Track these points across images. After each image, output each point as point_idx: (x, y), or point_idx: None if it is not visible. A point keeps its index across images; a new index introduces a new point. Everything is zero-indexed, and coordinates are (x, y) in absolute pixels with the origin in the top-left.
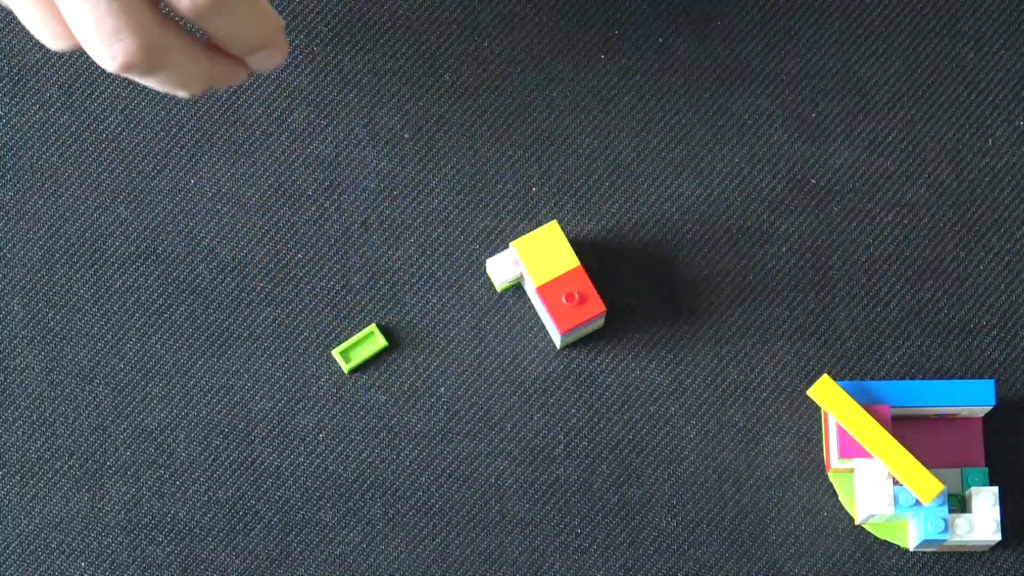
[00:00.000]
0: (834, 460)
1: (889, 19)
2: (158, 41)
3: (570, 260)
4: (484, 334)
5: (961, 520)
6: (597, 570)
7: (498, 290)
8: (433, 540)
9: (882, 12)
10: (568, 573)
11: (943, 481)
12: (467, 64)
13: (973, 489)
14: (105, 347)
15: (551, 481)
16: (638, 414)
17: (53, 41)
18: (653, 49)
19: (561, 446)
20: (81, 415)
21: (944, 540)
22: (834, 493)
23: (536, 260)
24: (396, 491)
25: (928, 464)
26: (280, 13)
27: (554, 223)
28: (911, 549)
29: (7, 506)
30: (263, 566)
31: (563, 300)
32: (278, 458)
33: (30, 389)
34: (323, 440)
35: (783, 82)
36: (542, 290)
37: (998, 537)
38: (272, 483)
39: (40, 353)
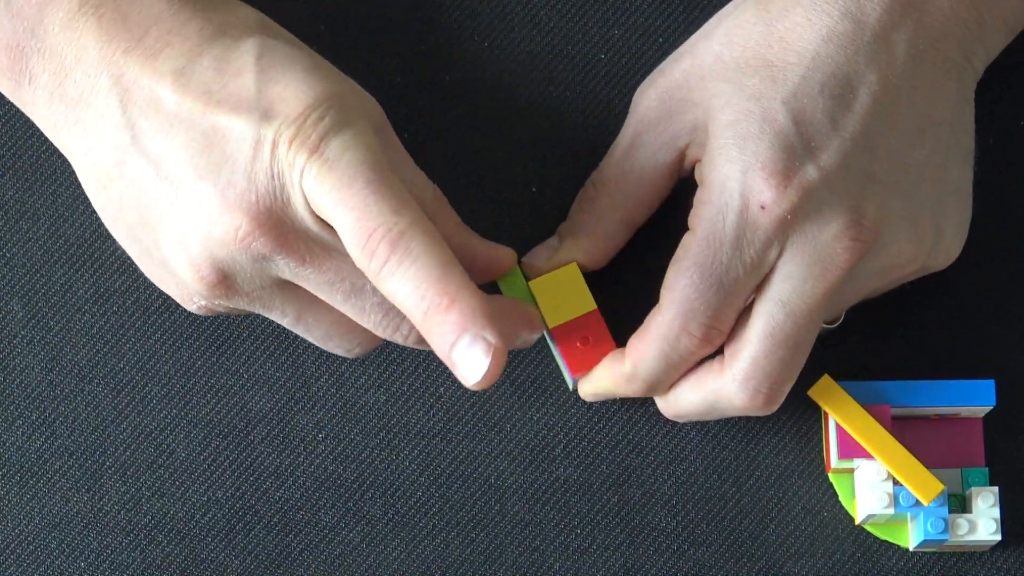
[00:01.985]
0: (834, 460)
1: None
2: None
3: (587, 303)
4: None
5: (961, 520)
6: (597, 570)
7: None
8: (433, 540)
9: None
10: (568, 573)
11: (943, 481)
12: (467, 64)
13: (973, 489)
14: (105, 347)
15: (551, 481)
16: (638, 414)
17: (351, 351)
18: (653, 49)
19: (561, 446)
20: (81, 415)
21: (944, 540)
22: (834, 493)
23: (552, 301)
24: (396, 491)
25: (928, 464)
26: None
27: (574, 265)
28: (911, 549)
29: (7, 506)
30: (263, 566)
31: (578, 344)
32: (278, 458)
33: (30, 389)
34: (323, 440)
35: None
36: (557, 332)
37: (998, 537)
38: (272, 483)
39: (40, 353)
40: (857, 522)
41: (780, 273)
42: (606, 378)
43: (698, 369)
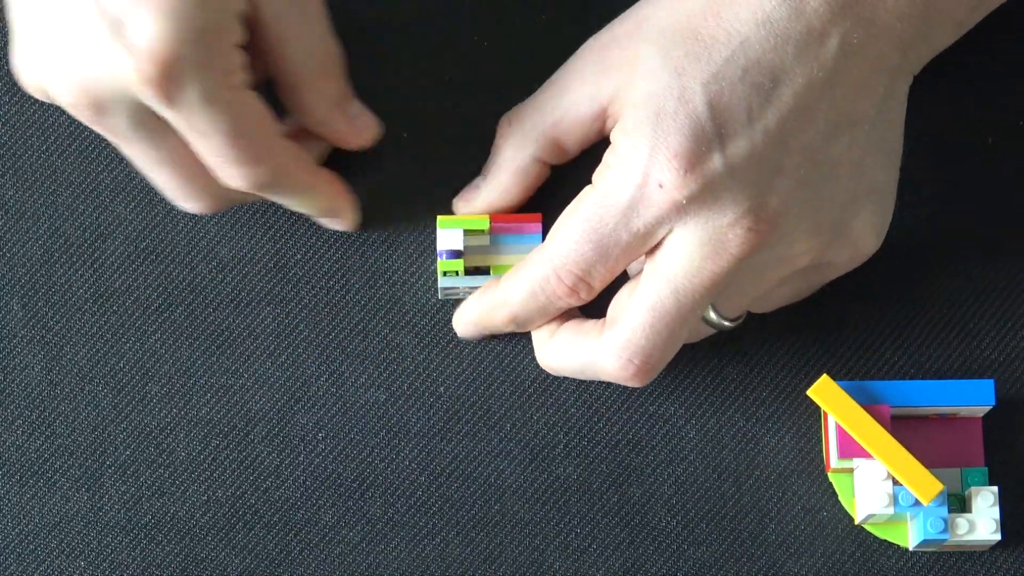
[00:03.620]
0: (834, 460)
1: None
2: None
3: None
4: None
5: (961, 520)
6: (597, 570)
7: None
8: (433, 540)
9: None
10: (568, 573)
11: (943, 481)
12: (467, 64)
13: (973, 489)
14: (105, 347)
15: (551, 481)
16: (638, 414)
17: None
18: None
19: (561, 446)
20: (81, 415)
21: (944, 540)
22: (834, 493)
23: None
24: (396, 491)
25: (928, 464)
26: None
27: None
28: (911, 549)
29: (7, 506)
30: (263, 566)
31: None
32: (278, 458)
33: (30, 389)
34: (323, 440)
35: None
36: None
37: (998, 537)
38: (272, 483)
39: (40, 353)
40: (857, 522)
41: (670, 249)
42: (479, 300)
43: (581, 327)
